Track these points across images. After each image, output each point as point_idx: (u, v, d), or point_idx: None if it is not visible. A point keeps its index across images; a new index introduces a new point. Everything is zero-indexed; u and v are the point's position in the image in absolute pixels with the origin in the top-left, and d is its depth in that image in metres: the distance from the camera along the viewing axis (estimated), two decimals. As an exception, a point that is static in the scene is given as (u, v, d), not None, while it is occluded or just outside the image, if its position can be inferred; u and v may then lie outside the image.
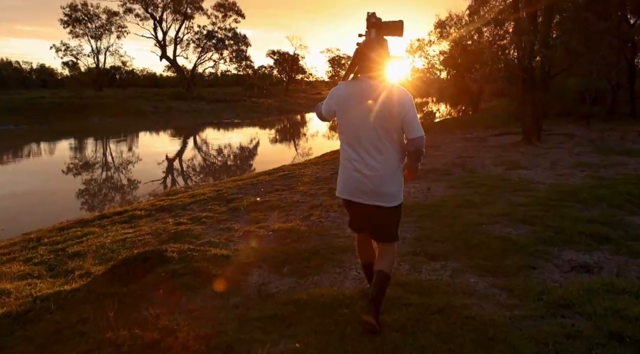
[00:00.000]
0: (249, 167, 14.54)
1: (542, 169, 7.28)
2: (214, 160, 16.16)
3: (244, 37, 45.12)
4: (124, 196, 10.61)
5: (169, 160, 15.63)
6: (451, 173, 7.37)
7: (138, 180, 12.32)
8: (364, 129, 2.48)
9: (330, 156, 12.74)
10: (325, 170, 9.39)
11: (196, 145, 20.53)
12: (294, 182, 8.20)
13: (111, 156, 16.71)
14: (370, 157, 2.49)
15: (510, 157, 8.63)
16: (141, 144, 20.64)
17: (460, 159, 8.74)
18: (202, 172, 13.88)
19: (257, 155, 17.59)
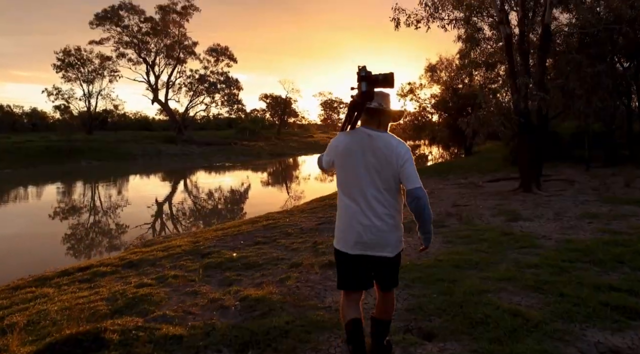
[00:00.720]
0: (235, 212, 13.93)
1: (546, 220, 6.68)
2: (200, 205, 15.50)
3: (235, 81, 45.44)
4: (102, 244, 10.02)
5: (153, 205, 14.95)
6: (447, 224, 6.76)
7: (120, 226, 11.69)
8: (363, 179, 2.49)
9: (318, 203, 12.14)
10: (311, 219, 8.75)
11: (183, 189, 19.91)
12: (276, 233, 7.55)
13: (94, 200, 16.03)
14: (370, 207, 2.48)
15: (510, 206, 8.05)
16: (126, 188, 19.98)
17: (456, 208, 8.15)
18: (186, 218, 13.20)
19: (244, 199, 16.98)
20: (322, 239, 6.58)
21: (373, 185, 2.49)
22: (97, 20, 40.94)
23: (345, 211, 2.57)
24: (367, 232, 2.47)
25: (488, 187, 11.09)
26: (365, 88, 2.35)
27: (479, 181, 12.31)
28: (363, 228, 2.47)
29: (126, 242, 9.81)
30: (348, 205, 2.54)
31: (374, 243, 2.49)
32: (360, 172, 2.50)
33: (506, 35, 9.50)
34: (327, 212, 9.60)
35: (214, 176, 25.19)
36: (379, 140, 2.50)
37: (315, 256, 5.46)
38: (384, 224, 2.49)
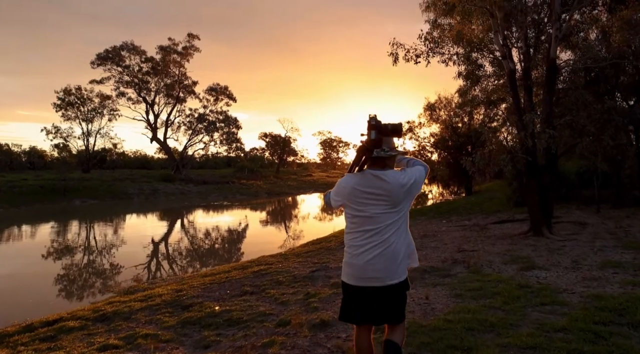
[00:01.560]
0: (229, 254, 13.26)
1: (564, 269, 6.01)
2: (193, 246, 14.79)
3: (234, 119, 45.45)
4: (83, 290, 9.38)
5: (145, 245, 14.26)
6: (453, 273, 6.10)
7: (106, 270, 11.08)
8: (376, 216, 2.61)
9: (314, 246, 11.47)
10: (305, 265, 8.08)
11: (176, 229, 19.19)
12: (266, 281, 6.89)
13: (84, 241, 15.31)
14: (380, 242, 2.59)
15: (521, 252, 7.39)
16: (119, 228, 19.27)
17: (462, 254, 7.50)
18: (176, 260, 12.49)
19: (239, 240, 16.28)
20: (315, 290, 5.92)
21: (383, 221, 2.61)
22: (99, 60, 41.32)
23: (354, 246, 2.66)
24: (376, 262, 2.58)
25: (494, 229, 10.45)
26: (375, 136, 2.53)
27: (485, 223, 11.68)
28: (371, 260, 2.59)
29: (110, 287, 9.17)
30: (357, 240, 2.65)
31: (382, 274, 2.59)
32: (369, 210, 2.62)
33: (510, 71, 9.10)
34: (322, 258, 8.95)
35: (210, 215, 24.54)
36: (384, 178, 2.63)
37: (305, 313, 4.79)
38: (393, 256, 2.61)
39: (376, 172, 2.65)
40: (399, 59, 9.40)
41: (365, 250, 2.60)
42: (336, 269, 7.44)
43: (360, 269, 2.61)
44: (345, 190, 2.70)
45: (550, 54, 8.63)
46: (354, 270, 2.64)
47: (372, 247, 2.59)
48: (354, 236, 2.67)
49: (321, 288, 6.13)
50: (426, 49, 9.63)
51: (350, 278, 2.67)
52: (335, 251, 9.97)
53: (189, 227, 19.91)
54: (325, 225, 19.32)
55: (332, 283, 6.29)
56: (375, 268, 2.58)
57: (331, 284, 6.23)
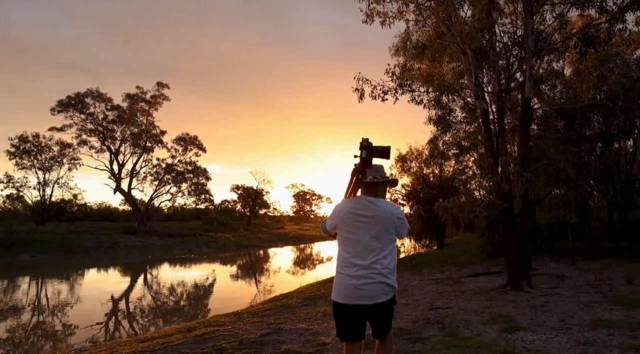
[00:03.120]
0: (179, 313, 11.97)
1: (552, 330, 5.17)
2: (145, 304, 13.39)
3: (204, 170, 44.39)
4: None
5: (90, 304, 12.82)
6: (425, 337, 5.18)
7: (23, 338, 9.54)
8: (367, 239, 2.90)
9: (275, 303, 10.38)
10: (259, 327, 7.03)
11: (133, 285, 17.66)
12: (207, 349, 5.83)
13: (26, 298, 13.71)
14: (373, 262, 2.86)
15: (501, 309, 6.53)
16: (69, 284, 17.61)
17: (435, 312, 6.60)
18: (120, 322, 11.10)
19: (197, 297, 14.96)
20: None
21: (377, 243, 2.88)
22: (60, 107, 39.78)
23: (346, 267, 2.89)
24: (368, 281, 2.82)
25: (469, 283, 9.60)
26: (365, 156, 2.67)
27: (458, 275, 10.86)
28: (363, 280, 2.82)
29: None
30: (350, 261, 2.88)
31: (373, 292, 2.82)
32: (364, 233, 2.89)
33: (483, 111, 8.58)
34: (280, 317, 7.92)
35: (172, 270, 23.07)
36: (376, 204, 2.94)
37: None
38: (384, 274, 2.86)
39: (369, 198, 2.97)
40: (364, 96, 8.84)
41: (356, 272, 2.83)
42: (291, 332, 6.45)
43: (351, 288, 2.81)
44: (340, 213, 2.98)
45: (525, 93, 8.16)
46: (345, 289, 2.84)
47: (361, 269, 2.83)
48: (345, 257, 2.92)
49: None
50: (394, 85, 9.13)
51: (341, 297, 2.86)
52: (295, 309, 8.95)
53: (147, 283, 18.46)
54: (294, 279, 18.21)
55: (283, 350, 5.28)
56: (363, 289, 2.80)
57: (282, 352, 5.23)
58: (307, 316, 7.84)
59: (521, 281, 7.87)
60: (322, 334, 6.14)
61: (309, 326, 6.79)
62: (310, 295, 10.62)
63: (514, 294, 7.63)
